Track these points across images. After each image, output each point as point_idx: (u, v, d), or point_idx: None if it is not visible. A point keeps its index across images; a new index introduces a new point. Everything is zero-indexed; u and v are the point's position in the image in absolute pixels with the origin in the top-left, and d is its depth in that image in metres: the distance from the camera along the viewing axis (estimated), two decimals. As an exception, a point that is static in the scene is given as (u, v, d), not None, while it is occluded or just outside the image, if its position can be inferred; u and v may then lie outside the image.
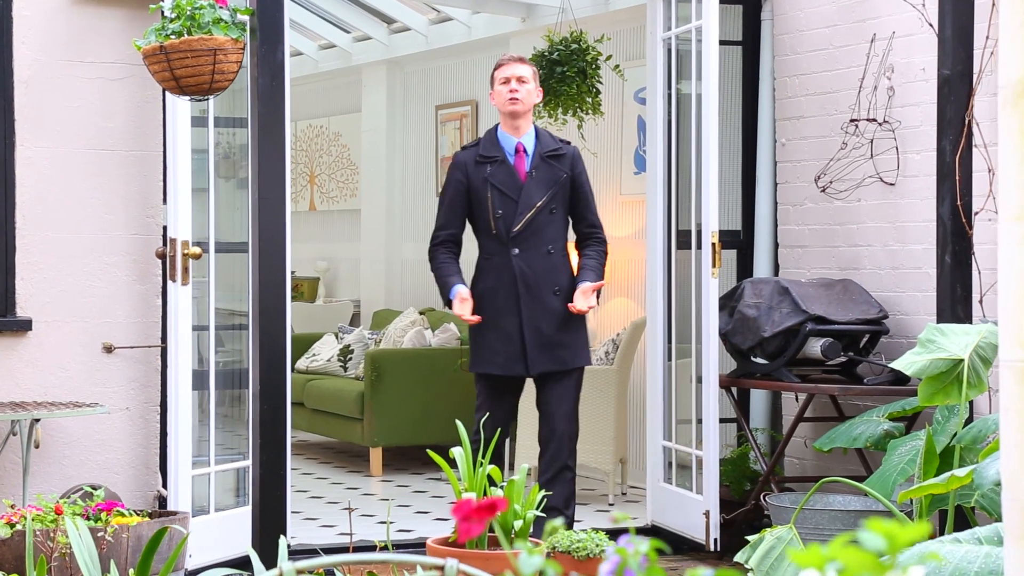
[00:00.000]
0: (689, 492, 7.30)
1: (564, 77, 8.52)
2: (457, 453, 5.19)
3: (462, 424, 5.42)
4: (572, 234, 7.07)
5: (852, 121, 7.45)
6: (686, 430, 7.48)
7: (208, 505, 6.63)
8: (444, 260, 6.88)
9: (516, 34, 10.17)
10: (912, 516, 5.80)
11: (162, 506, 6.75)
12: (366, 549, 6.65)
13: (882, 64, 7.30)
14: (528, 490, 5.18)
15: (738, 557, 5.43)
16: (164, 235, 6.78)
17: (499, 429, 6.36)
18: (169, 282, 6.59)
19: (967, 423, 5.89)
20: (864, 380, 7.12)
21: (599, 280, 6.88)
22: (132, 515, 5.75)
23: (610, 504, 8.47)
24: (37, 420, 6.46)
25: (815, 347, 7.12)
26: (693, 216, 7.38)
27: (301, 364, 10.83)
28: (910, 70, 7.18)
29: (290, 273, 6.28)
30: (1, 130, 6.68)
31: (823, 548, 1.62)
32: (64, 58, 6.77)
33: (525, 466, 5.27)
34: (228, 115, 6.86)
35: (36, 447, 6.57)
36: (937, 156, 6.38)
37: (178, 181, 6.50)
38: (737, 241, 8.12)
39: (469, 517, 1.88)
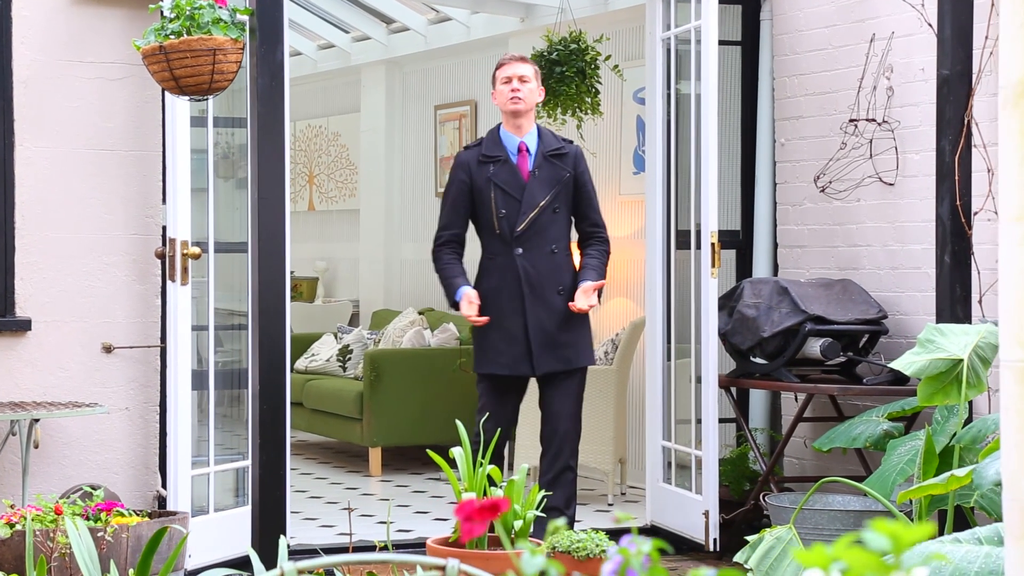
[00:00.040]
0: (688, 492, 7.30)
1: (563, 77, 8.52)
2: (457, 453, 5.19)
3: (462, 424, 5.42)
4: (574, 234, 7.06)
5: (851, 121, 7.45)
6: (685, 430, 7.48)
7: (207, 505, 6.63)
8: (449, 261, 6.86)
9: (515, 34, 10.16)
10: (911, 516, 5.80)
11: (161, 506, 6.75)
12: (366, 549, 6.64)
13: (881, 64, 7.30)
14: (528, 490, 5.18)
15: (737, 557, 5.43)
16: (163, 235, 6.78)
17: (499, 429, 6.36)
18: (168, 282, 6.59)
19: (966, 423, 5.89)
20: (863, 380, 7.11)
21: (600, 279, 6.87)
22: (132, 515, 5.75)
23: (609, 504, 8.47)
24: (36, 420, 6.46)
25: (814, 347, 7.12)
26: (692, 216, 7.37)
27: (300, 364, 10.83)
28: (909, 70, 7.18)
29: (289, 273, 6.28)
30: (0, 130, 6.68)
31: (827, 548, 1.62)
32: (63, 58, 6.76)
33: (525, 466, 5.26)
34: (227, 115, 6.86)
35: (35, 447, 6.57)
36: (936, 156, 6.38)
37: (177, 181, 6.50)
38: (736, 241, 8.12)
39: (471, 517, 1.88)
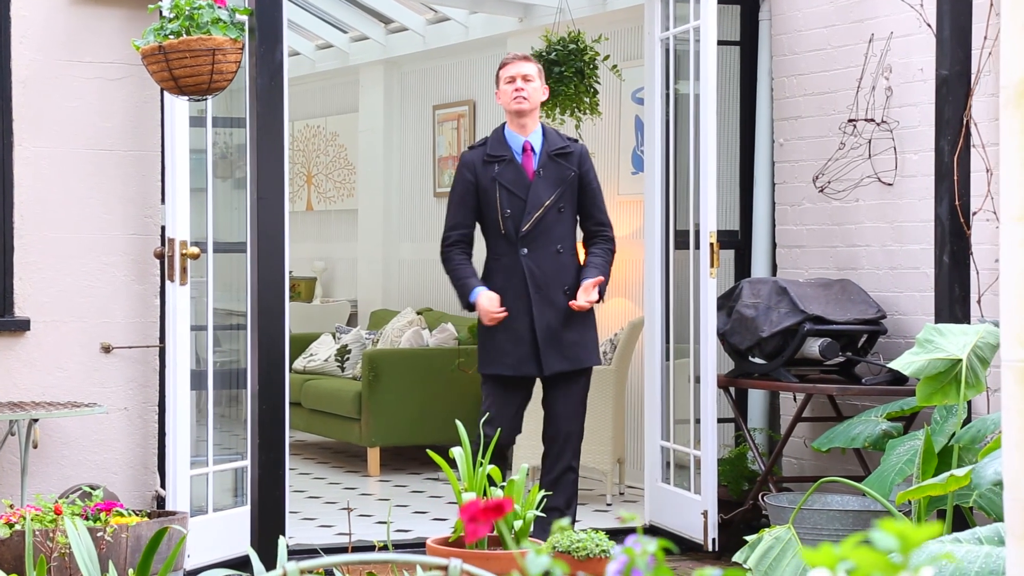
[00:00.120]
0: (687, 492, 7.30)
1: (562, 77, 8.52)
2: (457, 453, 5.19)
3: (462, 424, 5.41)
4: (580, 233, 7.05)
5: (850, 121, 7.45)
6: (684, 430, 7.48)
7: (206, 505, 6.63)
8: (460, 262, 6.83)
9: (513, 34, 10.16)
10: (910, 516, 5.80)
11: (160, 506, 6.75)
12: (365, 549, 6.64)
13: (880, 64, 7.30)
14: (528, 490, 5.18)
15: (736, 557, 5.43)
16: (162, 235, 6.78)
17: (499, 429, 6.35)
18: (167, 282, 6.59)
19: (965, 423, 5.89)
20: (862, 380, 7.12)
21: (600, 275, 6.83)
22: (131, 515, 5.75)
23: (608, 504, 8.47)
24: (35, 420, 6.46)
25: (813, 347, 7.12)
26: (691, 216, 7.37)
27: (298, 364, 10.82)
28: (908, 70, 7.18)
29: (288, 273, 6.28)
30: (-1, 130, 6.69)
31: (834, 547, 1.62)
32: (62, 58, 6.76)
33: (525, 466, 5.26)
34: (225, 115, 6.86)
35: (34, 447, 6.57)
36: (935, 156, 6.38)
37: (176, 181, 6.50)
38: (735, 241, 8.12)
39: (476, 518, 1.88)
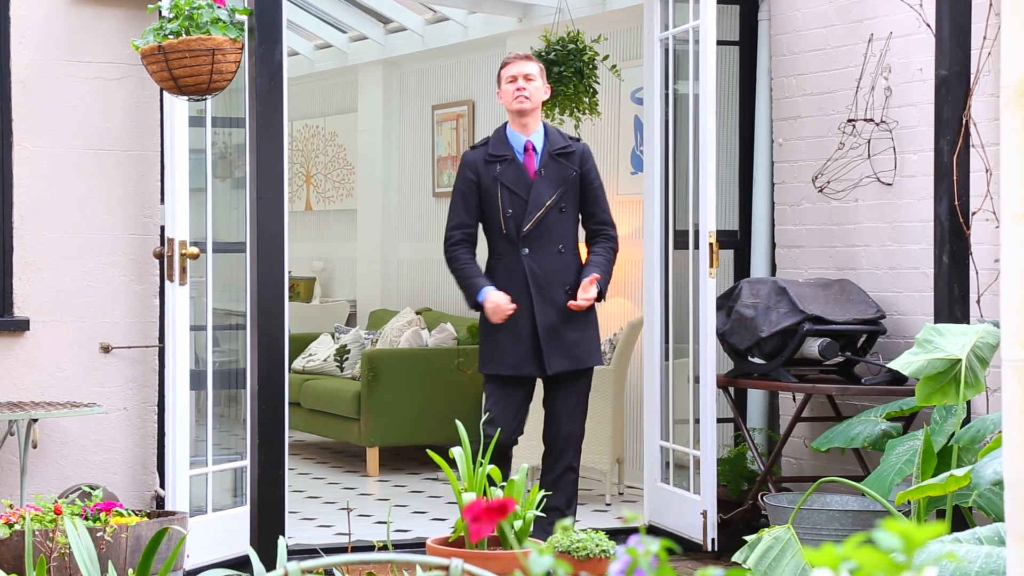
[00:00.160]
0: (686, 492, 7.30)
1: (561, 77, 8.51)
2: (457, 453, 5.19)
3: (462, 424, 5.41)
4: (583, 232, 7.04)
5: (849, 121, 7.45)
6: (683, 430, 7.48)
7: (205, 505, 6.63)
8: (466, 261, 6.81)
9: (513, 34, 10.16)
10: (909, 516, 5.80)
11: (159, 506, 6.75)
12: (365, 549, 6.64)
13: (879, 64, 7.30)
14: (528, 490, 5.18)
15: (736, 557, 5.43)
16: (162, 235, 6.78)
17: (500, 429, 6.34)
18: (167, 282, 6.59)
19: (965, 423, 5.90)
20: (862, 380, 7.12)
21: (599, 273, 6.81)
22: (131, 515, 5.75)
23: (607, 504, 8.47)
24: (35, 420, 6.46)
25: (812, 347, 7.12)
26: (690, 216, 7.37)
27: (297, 364, 10.82)
28: (907, 70, 7.18)
29: (287, 273, 6.28)
30: (-1, 130, 6.69)
31: (837, 547, 1.62)
32: (62, 58, 6.76)
33: (525, 466, 5.27)
34: (224, 115, 6.86)
35: (34, 447, 6.56)
36: (934, 156, 6.39)
37: (176, 181, 6.50)
38: (734, 241, 8.12)
39: (479, 518, 1.88)
